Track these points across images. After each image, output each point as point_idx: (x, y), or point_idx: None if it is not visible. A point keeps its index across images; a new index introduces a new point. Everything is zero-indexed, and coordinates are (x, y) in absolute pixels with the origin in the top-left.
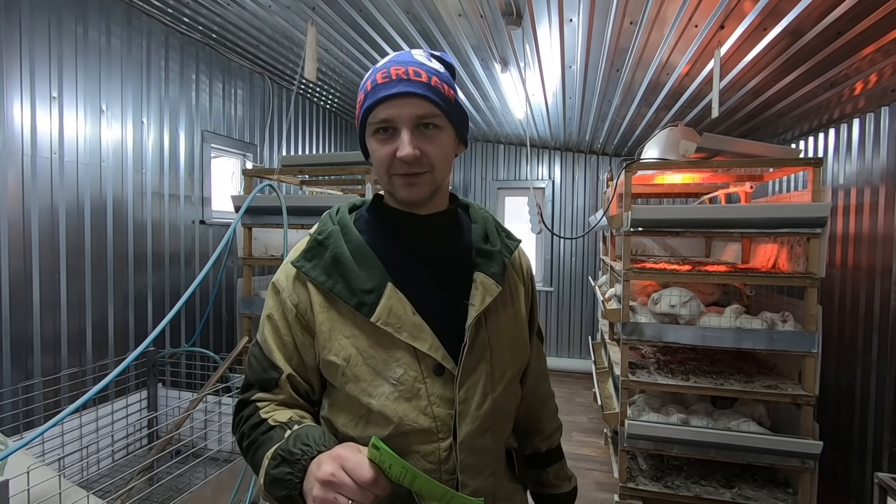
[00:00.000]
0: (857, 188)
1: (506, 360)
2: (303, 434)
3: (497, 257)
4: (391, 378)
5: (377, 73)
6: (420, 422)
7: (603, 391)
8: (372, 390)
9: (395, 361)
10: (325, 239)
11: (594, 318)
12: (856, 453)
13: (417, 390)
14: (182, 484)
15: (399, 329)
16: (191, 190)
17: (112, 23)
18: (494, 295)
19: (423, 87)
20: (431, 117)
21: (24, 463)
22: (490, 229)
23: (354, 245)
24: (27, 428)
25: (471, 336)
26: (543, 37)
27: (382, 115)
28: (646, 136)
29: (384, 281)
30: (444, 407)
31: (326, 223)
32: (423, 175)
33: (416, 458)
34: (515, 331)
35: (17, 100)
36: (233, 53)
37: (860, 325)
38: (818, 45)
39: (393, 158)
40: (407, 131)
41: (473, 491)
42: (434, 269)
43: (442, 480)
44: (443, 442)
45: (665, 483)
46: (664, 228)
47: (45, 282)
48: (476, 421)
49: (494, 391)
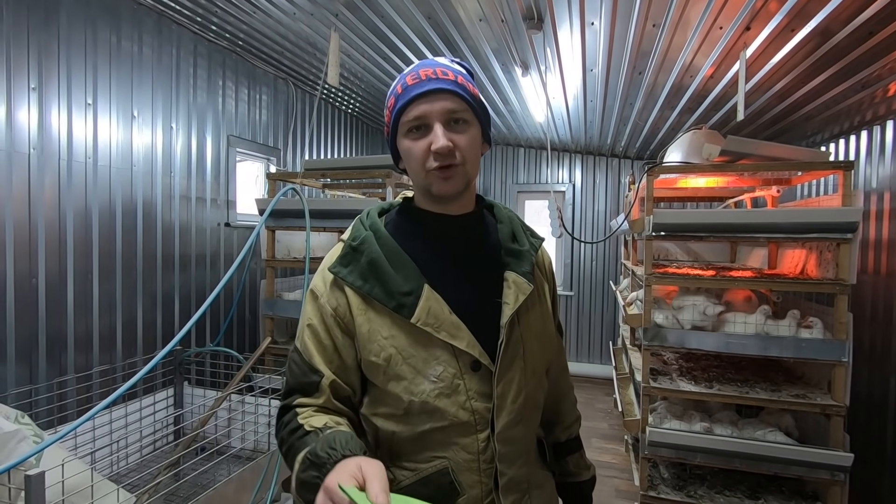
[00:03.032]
0: (890, 192)
1: (536, 356)
2: (331, 438)
3: (526, 256)
4: (431, 376)
5: (406, 77)
6: (460, 416)
7: (624, 397)
8: (413, 388)
9: (434, 360)
10: (359, 245)
11: (615, 323)
12: (888, 466)
13: (457, 386)
14: (206, 480)
15: (438, 328)
16: (217, 193)
17: (144, 32)
18: (527, 293)
19: (452, 84)
20: (461, 111)
21: (59, 456)
22: (517, 229)
23: (388, 249)
24: (61, 422)
25: (506, 334)
26: (564, 40)
27: (415, 113)
28: (668, 139)
29: (421, 282)
30: (482, 401)
31: (359, 229)
32: (457, 168)
33: (456, 449)
34: (543, 327)
35: (55, 107)
36: (258, 60)
37: (893, 333)
38: (849, 46)
39: (428, 153)
40: (440, 125)
41: (510, 479)
42: (466, 268)
43: (481, 470)
44: (481, 434)
45: (687, 492)
46: (687, 233)
47: (79, 282)
48: (511, 414)
49: (528, 385)
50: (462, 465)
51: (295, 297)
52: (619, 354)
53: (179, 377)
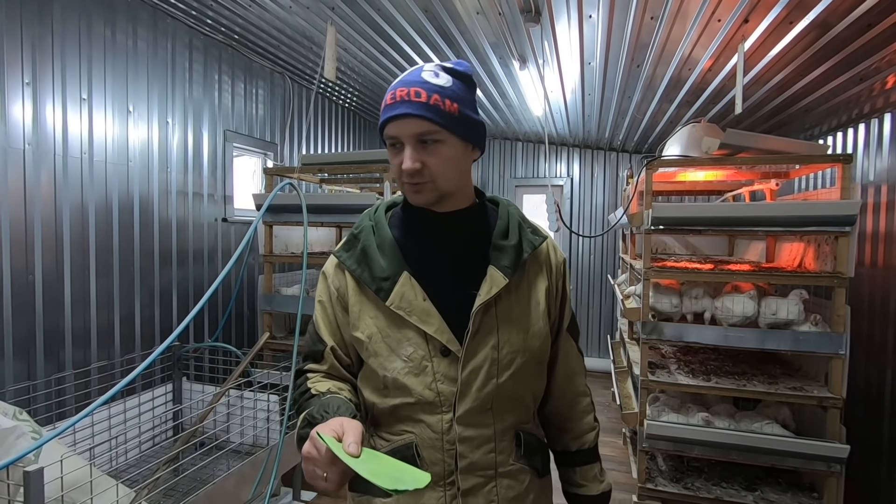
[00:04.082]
0: (888, 185)
1: (514, 348)
2: (327, 403)
3: (509, 252)
4: (403, 355)
5: (388, 94)
6: (425, 395)
7: (622, 391)
8: (387, 364)
9: (406, 341)
10: (359, 233)
11: (613, 317)
12: (885, 458)
13: (424, 367)
14: (206, 475)
15: (409, 313)
16: (214, 188)
17: (139, 26)
18: (500, 286)
19: (421, 108)
20: (430, 134)
21: (58, 452)
22: (512, 225)
23: (381, 238)
24: (59, 418)
25: (475, 323)
26: (562, 33)
27: (390, 133)
28: (667, 132)
29: (400, 269)
30: (448, 384)
31: (363, 220)
32: (426, 184)
33: (423, 426)
34: (528, 322)
35: (50, 101)
36: (254, 54)
37: (891, 326)
38: (848, 38)
39: (399, 170)
40: (409, 147)
41: (471, 463)
42: (451, 260)
43: (444, 449)
44: (445, 415)
45: (685, 484)
46: (686, 227)
47: (77, 278)
48: (476, 401)
49: (500, 376)
50: (427, 442)
51: (293, 293)
52: (617, 348)
53: (178, 373)
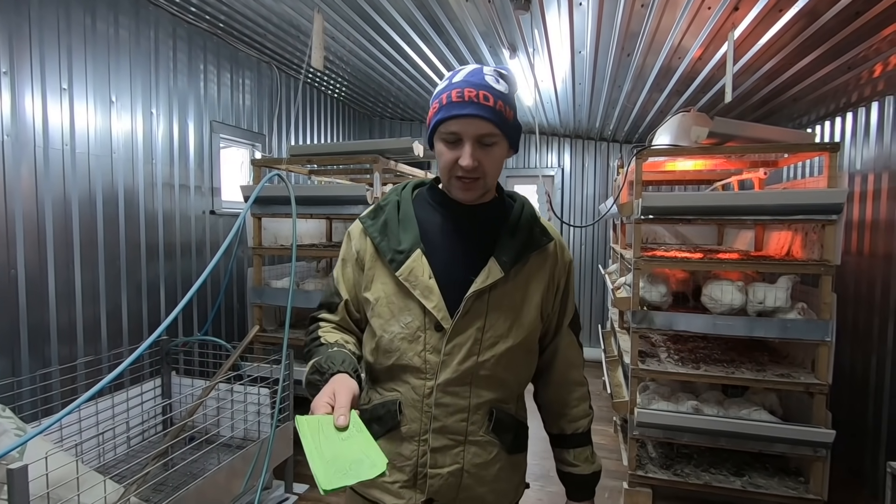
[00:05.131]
0: (874, 174)
1: (499, 333)
2: (333, 355)
3: (512, 248)
4: (402, 322)
5: (453, 91)
6: (414, 361)
7: (613, 379)
8: (387, 327)
9: (407, 311)
10: (384, 206)
11: (604, 307)
12: (870, 443)
13: (418, 337)
14: (196, 469)
15: (414, 286)
16: (201, 180)
17: (120, 13)
18: (496, 278)
19: (489, 112)
20: (491, 136)
21: (43, 448)
22: (522, 223)
23: (404, 213)
24: (45, 415)
25: (466, 306)
26: (552, 21)
27: (453, 129)
28: (657, 122)
29: (415, 246)
30: (435, 355)
31: (391, 195)
32: (478, 181)
33: (408, 388)
34: (518, 313)
35: (29, 92)
36: (240, 43)
37: (876, 313)
38: (836, 27)
39: (455, 164)
40: (470, 145)
41: (443, 426)
42: (462, 247)
43: (422, 410)
44: (428, 381)
45: (675, 471)
46: (676, 216)
47: (60, 272)
48: (456, 373)
49: (481, 354)
50: (409, 402)
51: (283, 285)
52: (608, 337)
53: (167, 367)
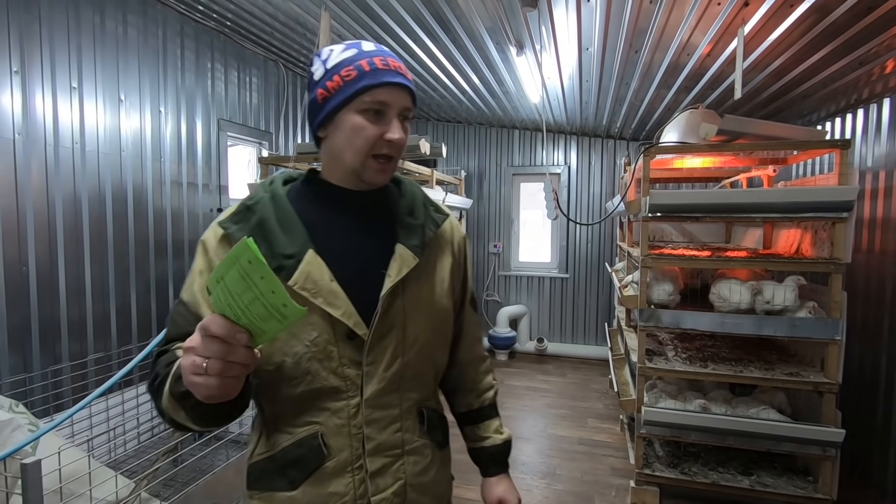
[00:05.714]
0: (886, 171)
1: (419, 326)
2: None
3: (417, 230)
4: (306, 339)
5: (375, 58)
6: (330, 381)
7: (619, 378)
8: (287, 349)
9: (310, 324)
10: (254, 204)
11: (610, 305)
12: (878, 442)
13: (330, 352)
14: (205, 465)
15: (315, 294)
16: (208, 178)
17: (128, 12)
18: (411, 266)
19: (411, 84)
20: (411, 111)
21: (55, 444)
22: (417, 204)
23: (281, 211)
24: (56, 410)
25: (384, 305)
26: (560, 18)
27: (382, 97)
28: (665, 119)
29: (306, 247)
30: (354, 368)
31: (258, 191)
32: (394, 161)
33: (328, 414)
34: (433, 300)
35: (39, 90)
36: (247, 41)
37: (886, 311)
38: (847, 22)
39: (378, 140)
40: (397, 119)
41: (378, 444)
42: (359, 239)
43: (351, 434)
44: (352, 399)
45: (682, 469)
46: (683, 214)
47: (70, 269)
48: (383, 382)
49: (405, 354)
50: (333, 430)
51: None
52: (614, 335)
53: None
